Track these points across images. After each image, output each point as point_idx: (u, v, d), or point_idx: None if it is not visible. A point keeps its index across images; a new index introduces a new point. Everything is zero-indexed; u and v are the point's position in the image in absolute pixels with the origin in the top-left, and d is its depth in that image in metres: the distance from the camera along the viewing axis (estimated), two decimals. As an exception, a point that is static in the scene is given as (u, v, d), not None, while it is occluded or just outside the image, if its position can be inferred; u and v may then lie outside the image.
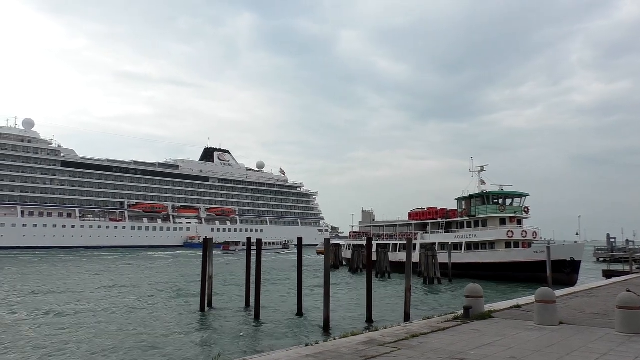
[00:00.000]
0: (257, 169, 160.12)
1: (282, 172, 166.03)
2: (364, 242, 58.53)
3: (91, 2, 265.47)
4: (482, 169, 53.76)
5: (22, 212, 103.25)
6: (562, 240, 68.47)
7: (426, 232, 55.67)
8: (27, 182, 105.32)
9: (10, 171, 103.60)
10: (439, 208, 57.33)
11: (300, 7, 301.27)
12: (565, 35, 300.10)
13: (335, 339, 11.40)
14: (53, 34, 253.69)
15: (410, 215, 60.73)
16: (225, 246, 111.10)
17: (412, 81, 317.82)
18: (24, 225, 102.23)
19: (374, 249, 45.31)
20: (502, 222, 48.90)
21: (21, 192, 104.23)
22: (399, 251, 54.81)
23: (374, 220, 77.24)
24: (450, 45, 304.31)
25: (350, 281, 46.95)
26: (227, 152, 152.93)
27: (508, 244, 47.51)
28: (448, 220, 53.84)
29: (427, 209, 59.05)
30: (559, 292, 19.01)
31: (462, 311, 14.22)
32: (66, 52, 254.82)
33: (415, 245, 49.21)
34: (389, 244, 57.19)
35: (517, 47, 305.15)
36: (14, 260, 69.54)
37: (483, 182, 52.98)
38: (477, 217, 50.04)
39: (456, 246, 49.65)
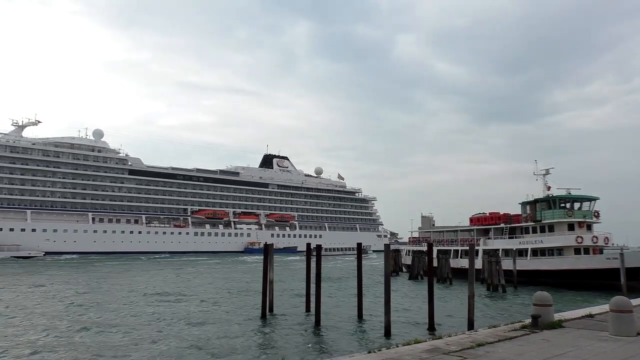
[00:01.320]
0: (316, 175, 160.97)
1: (341, 177, 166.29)
2: (424, 248, 57.76)
3: (155, 16, 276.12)
4: (547, 172, 51.87)
5: (93, 219, 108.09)
6: (637, 247, 64.96)
7: (489, 238, 54.17)
8: (97, 190, 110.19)
9: (82, 180, 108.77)
10: (501, 213, 55.72)
11: (357, 13, 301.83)
12: (638, 30, 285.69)
13: (398, 347, 11.23)
14: (119, 47, 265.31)
15: (471, 220, 59.34)
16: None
17: (472, 83, 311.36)
18: (95, 231, 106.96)
19: (434, 254, 44.47)
20: (571, 227, 46.92)
21: (92, 199, 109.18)
22: (461, 257, 53.64)
23: (433, 225, 75.95)
24: (511, 44, 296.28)
25: (411, 287, 46.34)
26: (286, 158, 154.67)
27: (577, 250, 45.51)
28: (512, 225, 52.22)
29: (490, 213, 57.52)
30: (634, 302, 18.00)
31: (529, 320, 13.71)
32: (131, 64, 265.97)
33: (477, 251, 47.95)
34: (450, 249, 56.07)
35: (582, 44, 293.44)
36: (91, 265, 72.84)
37: (548, 186, 51.11)
38: (543, 222, 48.23)
39: (521, 252, 48.02)
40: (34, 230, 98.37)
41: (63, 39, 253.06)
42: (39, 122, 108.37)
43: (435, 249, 47.59)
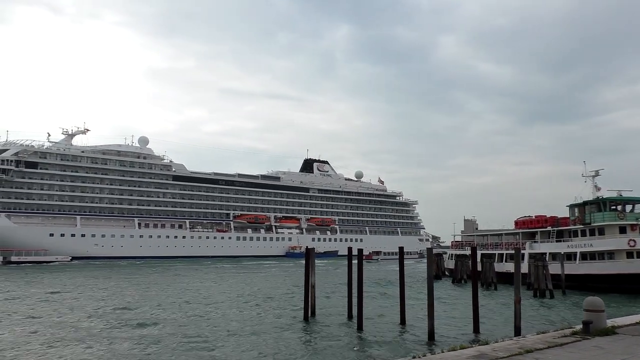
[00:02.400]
0: (356, 179, 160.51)
1: (381, 181, 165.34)
2: (467, 252, 56.76)
3: (197, 24, 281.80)
4: (596, 174, 50.23)
5: (139, 224, 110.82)
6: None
7: (535, 242, 52.77)
8: (142, 196, 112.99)
9: (129, 186, 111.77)
10: (548, 216, 54.26)
11: (397, 15, 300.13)
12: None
13: (443, 352, 11.06)
14: (163, 56, 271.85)
15: (516, 223, 58.00)
16: (368, 256, 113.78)
17: (516, 83, 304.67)
18: (141, 236, 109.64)
19: (478, 258, 43.65)
20: (622, 230, 45.21)
21: (138, 205, 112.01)
22: (506, 261, 52.44)
23: (476, 229, 74.55)
24: (557, 43, 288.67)
25: (454, 292, 45.62)
26: (326, 162, 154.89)
27: (630, 254, 43.77)
28: (559, 228, 50.74)
29: (535, 216, 56.10)
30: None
31: (580, 326, 13.27)
32: (175, 72, 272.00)
33: (523, 255, 46.77)
34: (495, 253, 54.90)
35: (632, 40, 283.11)
36: (141, 269, 74.73)
37: (598, 188, 49.46)
38: (593, 225, 46.68)
39: (569, 256, 46.58)
40: (83, 235, 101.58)
41: (110, 49, 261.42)
42: (88, 130, 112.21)
43: (479, 253, 46.78)
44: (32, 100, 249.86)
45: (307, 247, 31.31)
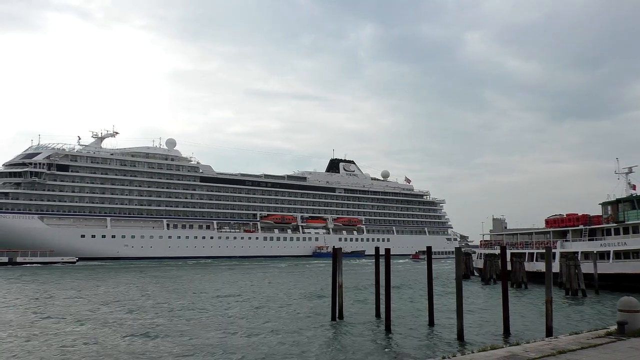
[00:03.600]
0: (382, 178, 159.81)
1: (407, 180, 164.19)
2: (496, 251, 55.95)
3: (222, 26, 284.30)
4: (630, 171, 48.98)
5: (168, 225, 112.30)
6: None
7: (566, 240, 51.71)
8: (170, 197, 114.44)
9: (157, 187, 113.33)
10: (579, 214, 53.11)
11: (422, 12, 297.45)
12: None
13: (473, 352, 10.89)
14: (188, 58, 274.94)
15: (547, 222, 56.94)
16: (415, 255, 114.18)
17: (545, 80, 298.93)
18: (169, 237, 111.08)
19: (508, 258, 42.95)
20: (657, 228, 43.99)
21: (166, 206, 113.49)
22: (536, 260, 51.54)
23: (505, 228, 73.48)
24: (587, 38, 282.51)
25: (483, 292, 45.04)
26: (352, 162, 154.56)
27: (665, 253, 42.58)
28: (592, 227, 49.61)
29: (567, 215, 54.95)
30: None
31: (615, 326, 12.94)
32: (201, 74, 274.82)
33: (554, 254, 45.88)
34: (525, 252, 53.98)
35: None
36: (171, 268, 75.75)
37: (632, 185, 48.21)
38: (627, 223, 45.48)
39: (602, 255, 45.48)
40: (113, 236, 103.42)
41: (136, 52, 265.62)
42: (117, 133, 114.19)
43: (508, 252, 46.06)
44: (63, 104, 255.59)
45: (334, 247, 31.25)
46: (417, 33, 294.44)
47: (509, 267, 43.94)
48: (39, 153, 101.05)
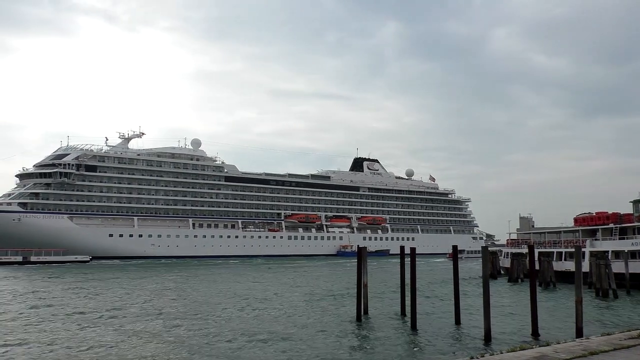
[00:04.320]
0: (407, 177, 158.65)
1: (432, 179, 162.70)
2: (524, 250, 55.14)
3: (246, 27, 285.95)
4: (661, 167, 47.78)
5: (193, 225, 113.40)
6: None
7: (596, 239, 50.67)
8: (196, 197, 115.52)
9: (183, 187, 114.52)
10: (610, 212, 52.02)
11: (447, 10, 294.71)
12: None
13: (502, 353, 10.71)
14: (213, 59, 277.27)
15: (576, 220, 55.89)
16: (451, 254, 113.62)
17: (574, 75, 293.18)
18: (195, 236, 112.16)
19: (536, 257, 42.27)
20: (691, 226, 42.84)
21: (192, 206, 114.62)
22: (565, 260, 50.63)
23: (533, 226, 72.41)
24: (618, 32, 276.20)
25: (510, 291, 44.42)
26: (376, 161, 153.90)
27: (699, 252, 41.43)
28: (623, 225, 48.53)
29: (596, 213, 53.89)
30: None
31: (649, 327, 12.58)
32: (226, 75, 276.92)
33: (584, 253, 44.99)
34: (553, 252, 53.06)
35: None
36: (197, 267, 76.56)
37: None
38: (658, 221, 44.44)
39: (634, 254, 44.41)
40: (140, 235, 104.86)
41: (162, 53, 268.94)
42: (143, 134, 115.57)
43: (536, 251, 45.31)
44: (91, 105, 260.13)
45: (358, 246, 31.14)
46: (442, 30, 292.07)
47: (537, 266, 43.38)
48: (68, 154, 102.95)
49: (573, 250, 27.79)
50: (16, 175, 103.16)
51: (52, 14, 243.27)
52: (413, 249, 26.99)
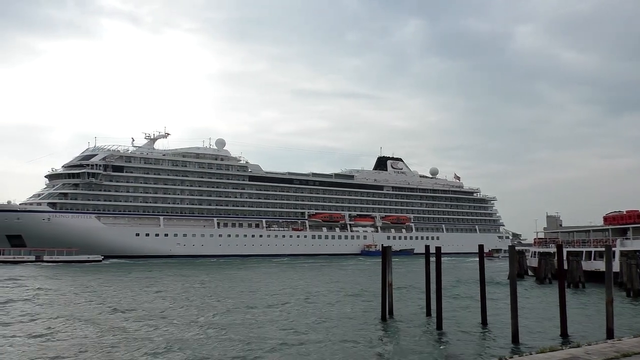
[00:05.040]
0: (431, 176, 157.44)
1: (457, 177, 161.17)
2: (551, 250, 54.18)
3: (268, 27, 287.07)
4: (695, 165, 46.49)
5: (218, 224, 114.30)
6: None
7: (627, 238, 49.51)
8: (221, 196, 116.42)
9: (207, 187, 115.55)
10: (641, 210, 50.85)
11: (469, 7, 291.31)
12: None
13: (531, 354, 10.51)
14: (236, 60, 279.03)
15: (605, 219, 54.76)
16: (488, 253, 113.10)
17: (601, 71, 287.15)
18: (220, 235, 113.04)
19: (564, 256, 41.48)
20: None
21: (217, 205, 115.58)
22: (594, 259, 49.59)
23: (560, 225, 71.17)
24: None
25: (538, 291, 43.70)
26: (400, 160, 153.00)
27: None
28: (654, 224, 47.36)
29: (627, 211, 52.71)
30: None
31: (684, 329, 12.23)
32: (249, 75, 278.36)
33: (614, 252, 43.97)
34: (582, 251, 52.03)
35: None
36: (224, 266, 77.20)
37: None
38: (691, 220, 43.24)
39: (666, 254, 43.28)
40: (166, 235, 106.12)
41: (185, 55, 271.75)
42: (168, 134, 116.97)
43: (564, 251, 44.47)
44: (117, 106, 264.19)
45: (382, 245, 30.98)
46: (465, 28, 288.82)
47: (565, 266, 42.57)
48: (96, 155, 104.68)
49: (603, 249, 27.21)
50: (45, 176, 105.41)
51: (78, 16, 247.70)
52: (438, 248, 26.75)
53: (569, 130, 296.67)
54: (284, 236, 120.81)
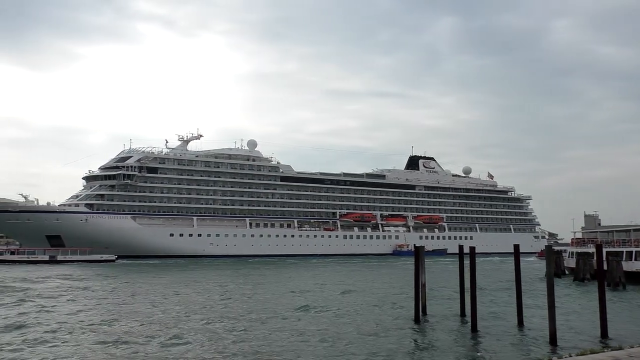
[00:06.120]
0: (464, 175, 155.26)
1: (490, 176, 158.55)
2: (590, 249, 52.78)
3: (299, 28, 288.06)
4: None
5: (250, 224, 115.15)
6: None
7: (669, 238, 47.91)
8: (252, 197, 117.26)
9: (240, 187, 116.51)
10: (684, 209, 49.08)
11: (503, 2, 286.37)
12: None
13: (571, 356, 10.18)
14: (268, 60, 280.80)
15: (646, 218, 53.02)
16: (541, 253, 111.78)
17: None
18: (252, 235, 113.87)
19: (604, 256, 40.30)
20: None
21: (249, 205, 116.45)
22: (635, 259, 48.10)
23: (599, 224, 69.41)
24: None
25: (576, 292, 42.59)
26: (432, 159, 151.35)
27: None
28: (698, 223, 45.64)
29: (669, 210, 50.94)
30: None
31: None
32: (280, 76, 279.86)
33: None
34: (622, 251, 50.52)
35: None
36: (259, 266, 77.79)
37: None
38: None
39: None
40: (199, 235, 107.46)
41: (218, 56, 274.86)
42: (201, 135, 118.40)
43: (604, 250, 43.24)
44: (151, 108, 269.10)
45: (415, 245, 30.66)
46: (499, 24, 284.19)
47: (604, 266, 41.36)
48: (131, 156, 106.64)
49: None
50: (83, 178, 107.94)
51: (114, 21, 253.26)
52: (472, 248, 26.31)
53: (606, 127, 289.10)
54: (315, 236, 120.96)
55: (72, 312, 29.53)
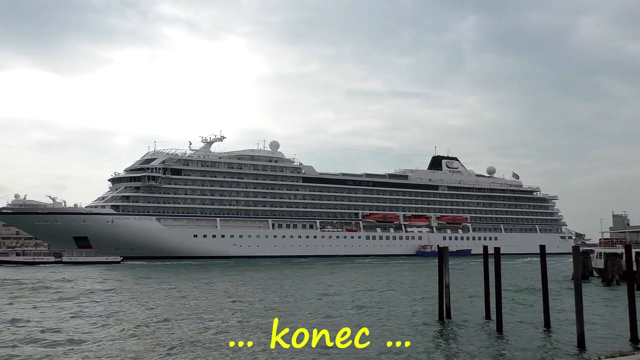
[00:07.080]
0: (488, 175, 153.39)
1: (515, 176, 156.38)
2: (619, 250, 51.74)
3: (322, 28, 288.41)
4: None
5: (273, 225, 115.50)
6: None
7: (701, 238, 46.68)
8: (275, 198, 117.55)
9: (262, 188, 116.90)
10: None
11: (528, 0, 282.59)
12: None
13: (600, 359, 9.99)
14: (290, 61, 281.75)
15: (677, 218, 51.75)
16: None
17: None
18: (275, 236, 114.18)
19: (633, 257, 39.44)
20: None
21: (271, 206, 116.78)
22: (666, 260, 46.87)
23: (628, 225, 67.86)
24: None
25: (604, 294, 41.79)
26: (455, 159, 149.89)
27: None
28: None
29: (701, 210, 49.62)
30: None
31: None
32: (302, 77, 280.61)
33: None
34: (652, 252, 49.31)
35: None
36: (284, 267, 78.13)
37: None
38: None
39: None
40: (222, 236, 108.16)
41: (241, 58, 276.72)
42: (224, 137, 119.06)
43: (633, 251, 42.33)
44: (175, 110, 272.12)
45: (438, 246, 30.42)
46: (524, 22, 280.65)
47: (634, 268, 40.48)
48: (155, 158, 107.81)
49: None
50: (109, 180, 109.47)
51: (139, 25, 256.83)
52: (497, 249, 25.98)
53: (634, 126, 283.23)
54: (338, 237, 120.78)
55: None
